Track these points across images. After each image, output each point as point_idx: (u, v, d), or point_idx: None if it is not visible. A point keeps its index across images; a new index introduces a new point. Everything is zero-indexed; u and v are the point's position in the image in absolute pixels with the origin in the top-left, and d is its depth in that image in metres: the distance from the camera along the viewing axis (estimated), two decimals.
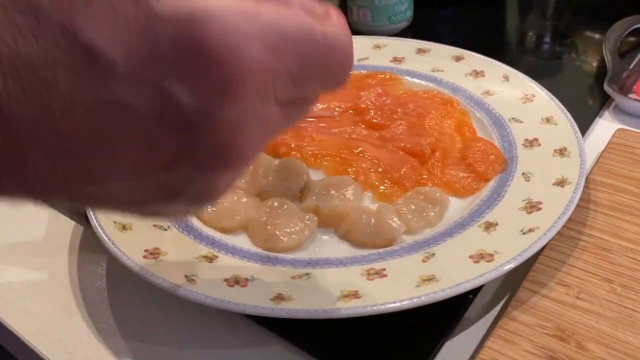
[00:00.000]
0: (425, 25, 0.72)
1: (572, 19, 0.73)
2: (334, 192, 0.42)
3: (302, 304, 0.33)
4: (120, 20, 0.18)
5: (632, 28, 0.63)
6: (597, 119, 0.54)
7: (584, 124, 0.52)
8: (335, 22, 0.23)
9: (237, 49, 0.19)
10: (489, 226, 0.38)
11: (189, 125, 0.19)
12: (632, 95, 0.55)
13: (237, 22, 0.19)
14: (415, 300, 0.33)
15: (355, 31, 0.70)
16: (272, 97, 0.21)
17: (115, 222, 0.40)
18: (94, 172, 0.20)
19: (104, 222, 0.39)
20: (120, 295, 0.39)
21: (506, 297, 0.37)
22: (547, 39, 0.70)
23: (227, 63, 0.19)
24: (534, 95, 0.50)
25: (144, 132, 0.19)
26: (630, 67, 0.59)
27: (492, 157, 0.44)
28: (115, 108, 0.19)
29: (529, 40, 0.71)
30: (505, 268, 0.34)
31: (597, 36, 0.68)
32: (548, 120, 0.47)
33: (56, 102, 0.18)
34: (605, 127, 0.52)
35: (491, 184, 0.43)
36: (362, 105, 0.52)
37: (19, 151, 0.18)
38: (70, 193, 0.20)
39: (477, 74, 0.54)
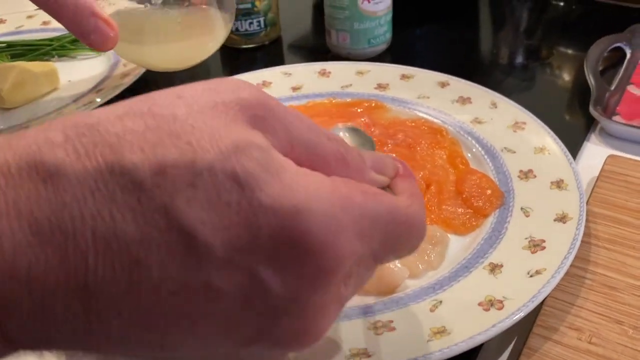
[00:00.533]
0: (403, 46, 0.71)
1: (545, 36, 0.73)
2: None
3: None
4: (223, 206, 0.18)
5: (611, 47, 0.64)
6: (586, 142, 0.54)
7: (574, 149, 0.52)
8: (412, 192, 0.25)
9: (333, 242, 0.19)
10: (494, 268, 0.37)
11: (274, 310, 0.19)
12: (616, 117, 0.55)
13: (334, 214, 0.20)
14: (428, 356, 0.31)
15: (335, 54, 0.69)
16: (354, 276, 0.22)
17: None
18: (167, 343, 0.19)
19: None
20: None
21: (514, 340, 0.36)
22: (521, 57, 0.70)
23: (323, 256, 0.19)
24: (525, 123, 0.49)
25: (227, 313, 0.19)
26: (612, 87, 0.59)
27: (489, 191, 0.44)
28: (204, 290, 0.18)
29: (503, 58, 0.70)
30: (517, 317, 0.33)
31: (570, 52, 0.69)
32: (541, 149, 0.46)
33: (145, 281, 0.18)
34: (593, 151, 0.52)
35: (490, 219, 0.42)
36: None
37: (96, 322, 0.18)
38: (134, 355, 0.19)
39: (464, 100, 0.54)
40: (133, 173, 0.18)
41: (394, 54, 0.70)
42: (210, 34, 0.52)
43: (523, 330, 0.36)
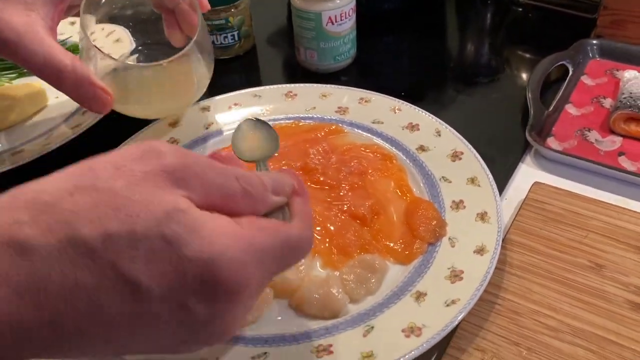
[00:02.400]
0: (368, 57, 0.76)
1: (498, 51, 0.78)
2: None
3: None
4: (158, 261, 0.26)
5: (556, 65, 0.69)
6: (521, 164, 0.60)
7: (509, 171, 0.59)
8: (303, 211, 0.34)
9: (237, 277, 0.27)
10: (420, 296, 0.45)
11: (201, 326, 0.28)
12: (550, 139, 0.62)
13: (239, 257, 0.28)
14: None
15: (304, 69, 0.74)
16: (258, 291, 0.30)
17: None
18: (124, 349, 0.28)
19: None
20: None
21: (434, 355, 0.44)
22: (473, 74, 0.75)
23: (231, 288, 0.27)
24: (462, 153, 0.56)
25: (167, 328, 0.27)
26: (551, 107, 0.65)
27: (435, 221, 0.50)
28: (147, 318, 0.26)
29: (456, 73, 0.76)
30: (431, 342, 0.41)
31: (519, 69, 0.74)
32: (473, 180, 0.53)
33: (104, 315, 0.25)
34: (528, 173, 0.59)
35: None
36: (312, 165, 0.57)
37: (65, 344, 0.26)
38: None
39: (412, 127, 0.60)
40: (87, 242, 0.25)
41: (359, 66, 0.75)
42: (194, 83, 0.55)
43: (442, 347, 0.43)
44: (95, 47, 0.50)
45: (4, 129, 0.66)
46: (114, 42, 0.73)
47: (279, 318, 0.45)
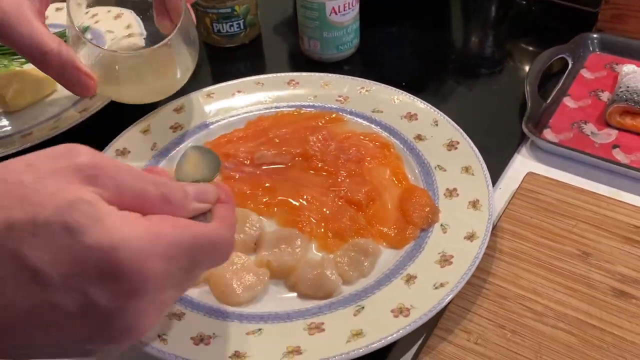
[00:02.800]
0: (372, 47, 0.77)
1: (500, 42, 0.79)
2: (284, 246, 0.50)
3: None
4: (58, 248, 0.26)
5: (555, 58, 0.70)
6: (516, 155, 0.61)
7: (504, 161, 0.60)
8: (225, 216, 0.34)
9: (139, 267, 0.28)
10: (410, 279, 0.46)
11: (104, 317, 0.28)
12: (546, 131, 0.63)
13: (143, 247, 0.28)
14: (344, 356, 0.41)
15: (308, 58, 0.76)
16: (168, 286, 0.30)
17: None
18: (30, 346, 0.28)
19: None
20: None
21: (423, 336, 0.45)
22: (475, 64, 0.76)
23: (133, 277, 0.27)
24: (458, 143, 0.57)
25: (70, 322, 0.27)
26: (549, 99, 0.66)
27: (428, 208, 0.52)
28: (49, 307, 0.27)
29: (457, 64, 0.77)
30: (418, 323, 0.43)
31: (520, 61, 0.75)
32: (467, 169, 0.54)
33: (7, 305, 0.26)
34: (522, 164, 0.60)
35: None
36: (311, 152, 0.58)
37: None
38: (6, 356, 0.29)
39: (411, 116, 0.61)
40: None
41: (362, 55, 0.76)
42: (178, 69, 0.57)
43: (430, 328, 0.45)
44: (80, 34, 0.52)
45: (14, 112, 0.68)
46: (125, 27, 0.75)
47: (275, 297, 0.47)
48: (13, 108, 0.68)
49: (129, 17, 0.72)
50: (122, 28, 0.75)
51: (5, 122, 0.67)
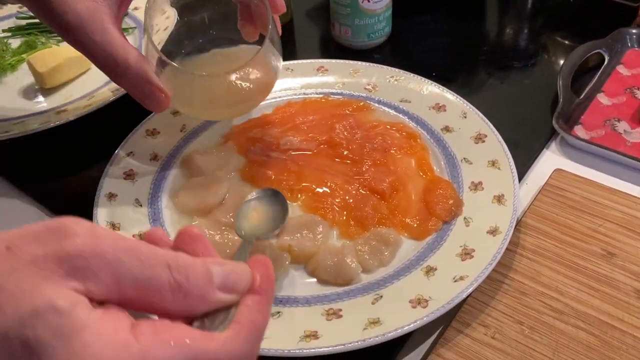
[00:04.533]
0: (403, 36, 0.77)
1: (535, 35, 0.77)
2: (305, 231, 0.50)
3: (272, 343, 0.42)
4: None
5: (591, 53, 0.69)
6: (545, 150, 0.61)
7: (532, 157, 0.59)
8: (248, 316, 0.26)
9: None
10: (429, 270, 0.47)
11: None
12: (577, 127, 0.62)
13: None
14: (360, 343, 0.41)
15: (338, 45, 0.75)
16: None
17: None
18: None
19: None
20: None
21: (440, 328, 0.46)
22: (507, 57, 0.75)
23: None
24: (486, 136, 0.57)
25: None
26: (582, 95, 0.65)
27: (451, 201, 0.51)
28: None
29: (490, 56, 0.75)
30: (436, 314, 0.43)
31: (555, 55, 0.74)
32: (493, 163, 0.54)
33: None
34: (550, 160, 0.59)
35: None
36: (336, 139, 0.59)
37: None
38: None
39: (439, 107, 0.61)
40: None
41: (393, 44, 0.76)
42: (265, 85, 0.53)
43: (448, 320, 0.45)
44: (157, 49, 0.48)
45: (49, 89, 0.70)
46: (165, 19, 0.76)
47: (295, 281, 0.48)
48: (49, 85, 0.69)
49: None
50: (162, 19, 0.76)
51: (40, 98, 0.69)
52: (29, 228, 0.24)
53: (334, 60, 0.68)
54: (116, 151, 0.58)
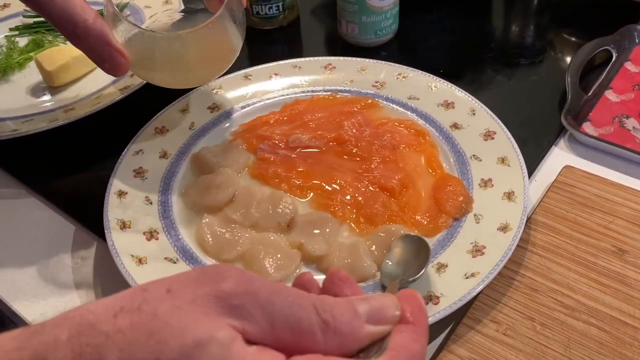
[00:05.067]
0: (410, 33, 0.77)
1: (542, 32, 0.77)
2: (317, 230, 0.50)
3: None
4: None
5: (599, 49, 0.68)
6: (554, 147, 0.60)
7: (541, 153, 0.59)
8: (402, 343, 0.26)
9: None
10: (440, 267, 0.47)
11: None
12: (586, 124, 0.62)
13: None
14: None
15: (345, 42, 0.75)
16: None
17: (132, 255, 0.48)
18: None
19: (124, 257, 0.48)
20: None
21: (452, 324, 0.46)
22: (514, 54, 0.75)
23: None
24: (495, 133, 0.57)
25: None
26: (590, 92, 0.65)
27: (461, 198, 0.51)
28: None
29: (497, 52, 0.75)
30: (447, 311, 0.43)
31: (562, 52, 0.74)
32: (503, 160, 0.54)
33: None
34: (559, 157, 0.59)
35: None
36: (345, 137, 0.59)
37: None
38: None
39: (448, 104, 0.61)
40: None
41: (400, 41, 0.76)
42: (224, 55, 0.53)
43: (459, 316, 0.45)
44: (115, 8, 0.48)
45: (57, 87, 0.70)
46: (163, 3, 0.76)
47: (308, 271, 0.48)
48: (56, 83, 0.69)
49: None
50: (160, 3, 0.76)
51: (48, 96, 0.69)
52: (186, 273, 0.26)
53: (341, 58, 0.68)
54: (125, 149, 0.58)
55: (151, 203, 0.53)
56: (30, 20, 0.79)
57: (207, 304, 0.24)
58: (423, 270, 0.43)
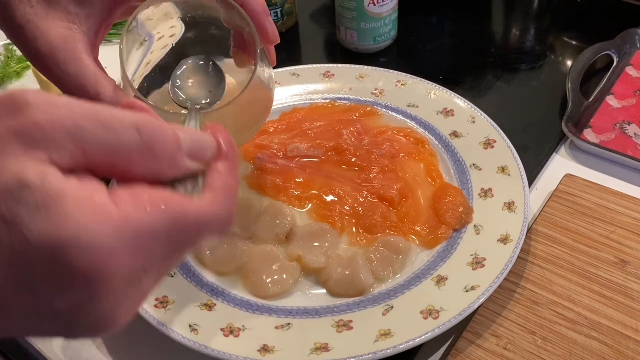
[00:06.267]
0: (410, 38, 0.76)
1: (543, 37, 0.77)
2: (316, 243, 0.50)
3: (282, 356, 0.42)
4: None
5: (600, 55, 0.68)
6: (555, 154, 0.60)
7: (542, 161, 0.58)
8: (219, 180, 0.26)
9: (100, 268, 0.22)
10: (440, 280, 0.46)
11: (68, 316, 0.23)
12: (587, 131, 0.61)
13: (102, 243, 0.22)
14: (372, 355, 0.41)
15: (344, 49, 0.75)
16: (142, 279, 0.24)
17: None
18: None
19: None
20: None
21: (452, 338, 0.45)
22: (514, 60, 0.74)
23: (90, 278, 0.22)
24: (495, 141, 0.56)
25: (28, 322, 0.23)
26: (592, 98, 0.64)
27: (461, 208, 0.51)
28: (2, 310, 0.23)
29: (497, 58, 0.75)
30: (448, 326, 0.42)
31: (563, 57, 0.73)
32: (503, 170, 0.53)
33: None
34: (560, 165, 0.59)
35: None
36: (344, 146, 0.58)
37: None
38: None
39: (447, 112, 0.60)
40: None
41: (400, 47, 0.75)
42: (262, 113, 0.48)
43: (459, 330, 0.45)
44: (136, 92, 0.42)
45: None
46: (163, 14, 0.75)
47: (305, 291, 0.47)
48: (54, 92, 0.69)
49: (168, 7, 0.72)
50: (167, 28, 0.75)
51: None
52: None
53: (340, 65, 0.67)
54: None
55: None
56: None
57: (9, 142, 0.22)
58: (222, 99, 0.39)
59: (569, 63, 0.71)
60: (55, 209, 0.21)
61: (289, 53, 0.79)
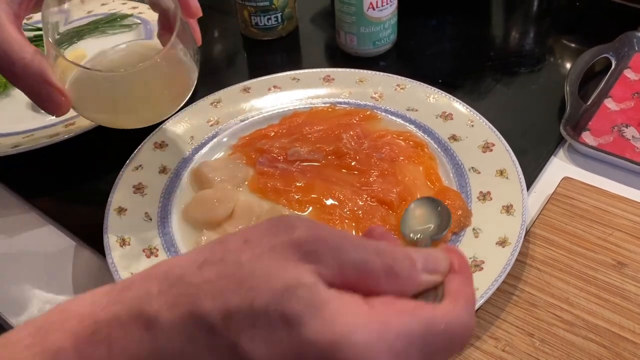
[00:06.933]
0: (409, 42, 0.77)
1: (541, 40, 0.77)
2: None
3: None
4: (277, 342, 0.24)
5: (599, 57, 0.68)
6: (553, 157, 0.60)
7: (540, 164, 0.59)
8: (460, 292, 0.28)
9: None
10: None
11: None
12: (585, 134, 0.61)
13: (368, 342, 0.24)
14: None
15: (343, 53, 0.76)
16: None
17: (132, 273, 0.48)
18: None
19: (124, 274, 0.48)
20: None
21: None
22: (513, 63, 0.75)
23: None
24: (494, 145, 0.56)
25: None
26: (590, 101, 0.65)
27: (460, 211, 0.51)
28: None
29: (496, 62, 0.75)
30: None
31: (561, 59, 0.74)
32: (502, 173, 0.54)
33: None
34: (558, 167, 0.59)
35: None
36: (344, 149, 0.59)
37: None
38: None
39: (446, 116, 0.61)
40: (207, 319, 0.24)
41: (399, 51, 0.76)
42: (167, 96, 0.50)
43: None
44: (54, 46, 0.45)
45: None
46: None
47: None
48: None
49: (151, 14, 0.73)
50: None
51: None
52: (257, 226, 0.27)
53: (340, 70, 0.68)
54: (125, 164, 0.58)
55: (150, 219, 0.54)
56: (31, 34, 0.80)
57: (285, 251, 0.25)
58: (446, 230, 0.45)
59: (568, 66, 0.71)
60: (327, 311, 0.24)
61: (289, 57, 0.79)
